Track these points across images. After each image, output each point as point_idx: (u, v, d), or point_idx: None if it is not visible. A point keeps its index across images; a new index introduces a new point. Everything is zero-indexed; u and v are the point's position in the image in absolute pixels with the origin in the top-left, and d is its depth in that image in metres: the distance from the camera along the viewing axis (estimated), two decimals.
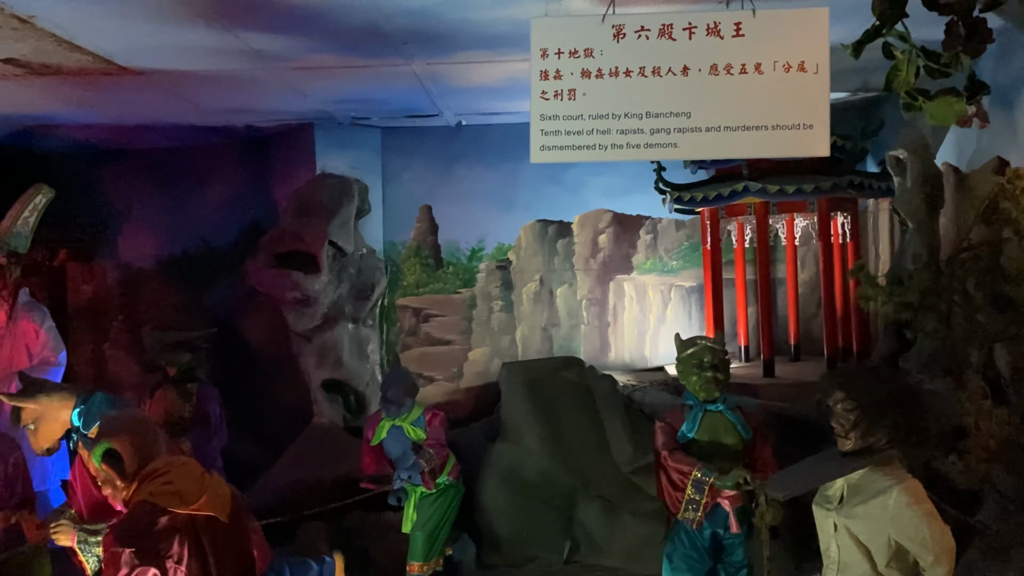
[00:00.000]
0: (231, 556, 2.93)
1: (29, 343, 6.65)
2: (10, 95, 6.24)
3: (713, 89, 3.93)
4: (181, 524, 2.80)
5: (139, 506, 2.84)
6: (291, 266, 7.22)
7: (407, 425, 5.40)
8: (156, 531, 2.76)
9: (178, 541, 2.77)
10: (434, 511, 5.42)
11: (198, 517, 2.84)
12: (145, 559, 2.70)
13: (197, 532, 2.83)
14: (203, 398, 5.74)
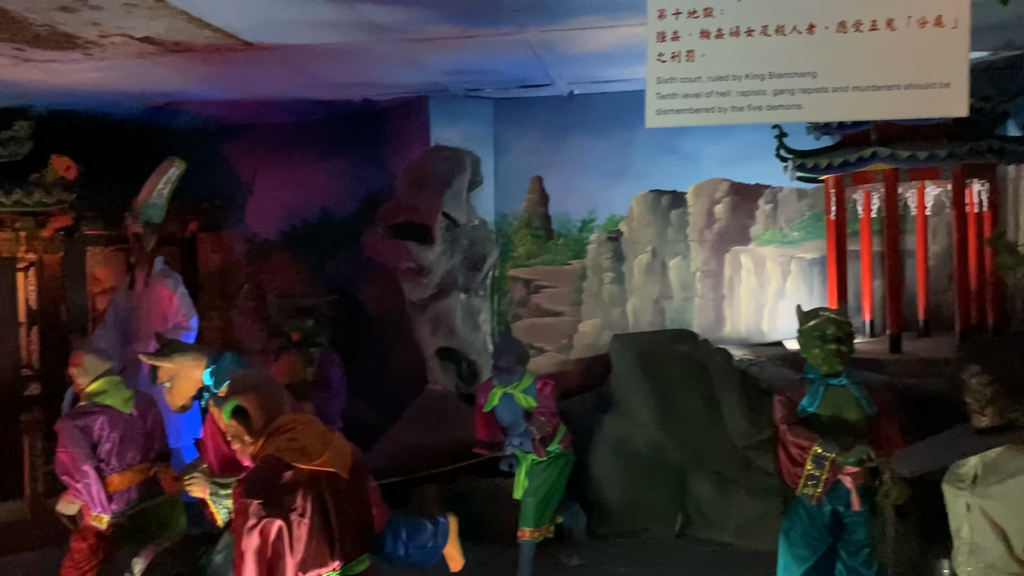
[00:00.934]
0: (351, 512, 3.00)
1: (164, 308, 7.06)
2: (145, 73, 6.57)
3: (841, 47, 3.73)
4: (304, 479, 2.88)
5: (265, 460, 2.94)
6: (406, 237, 7.37)
7: (518, 393, 5.44)
8: (281, 484, 2.85)
9: (301, 495, 2.85)
10: (545, 478, 5.45)
11: (320, 473, 2.92)
12: (271, 511, 2.79)
13: (319, 487, 2.90)
14: (325, 362, 5.95)
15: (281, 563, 2.80)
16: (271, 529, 2.78)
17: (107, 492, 4.46)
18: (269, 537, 2.78)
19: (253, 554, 2.77)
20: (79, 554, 4.56)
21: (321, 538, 2.87)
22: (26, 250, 7.44)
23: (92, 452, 4.44)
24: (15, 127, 7.43)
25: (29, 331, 8.46)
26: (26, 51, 5.80)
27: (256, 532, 2.77)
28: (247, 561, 2.78)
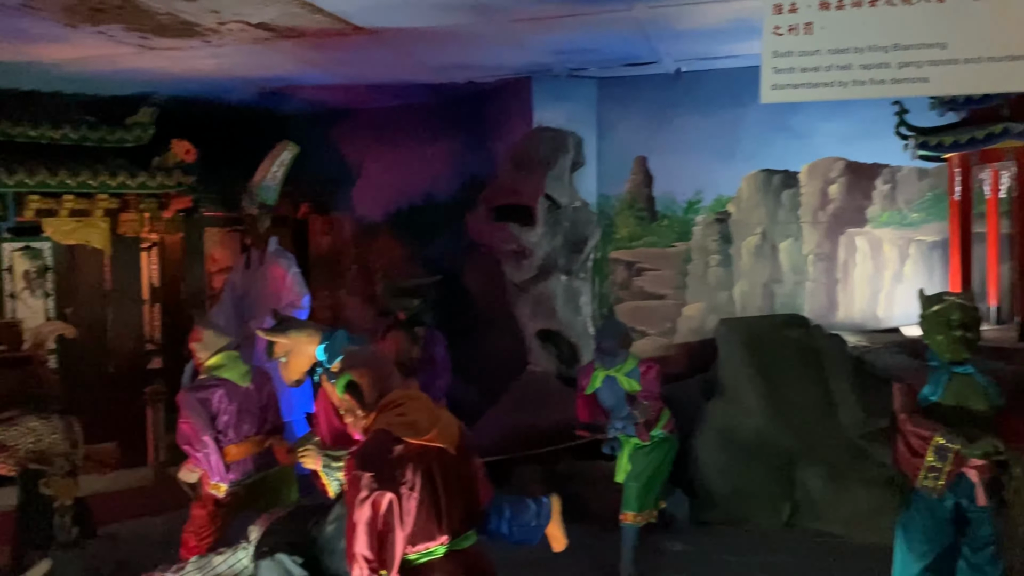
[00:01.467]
0: (458, 487, 3.03)
1: (278, 287, 7.31)
2: (259, 59, 6.78)
3: (974, 15, 3.51)
4: (414, 453, 2.93)
5: (377, 434, 3.00)
6: (508, 219, 7.39)
7: (621, 376, 5.37)
8: (392, 458, 2.90)
9: (411, 469, 2.90)
10: (648, 462, 5.37)
11: (429, 448, 2.96)
12: (382, 484, 2.85)
13: (428, 462, 2.94)
14: (430, 341, 6.03)
15: (391, 535, 2.85)
16: (382, 502, 2.83)
17: (225, 462, 4.65)
18: (380, 509, 2.83)
19: (365, 525, 2.83)
20: (199, 520, 4.78)
21: (430, 512, 2.91)
22: (149, 230, 7.82)
23: (211, 423, 4.63)
24: (140, 113, 7.82)
25: (152, 308, 8.93)
26: (150, 40, 6.07)
27: (368, 504, 2.83)
28: (359, 532, 2.84)
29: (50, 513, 5.56)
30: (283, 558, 3.72)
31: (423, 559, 2.93)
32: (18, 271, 8.94)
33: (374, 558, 2.85)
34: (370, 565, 2.85)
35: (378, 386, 3.12)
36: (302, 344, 4.11)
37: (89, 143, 7.58)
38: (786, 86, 3.75)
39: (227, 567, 4.03)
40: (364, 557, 2.84)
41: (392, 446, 2.93)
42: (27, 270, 8.99)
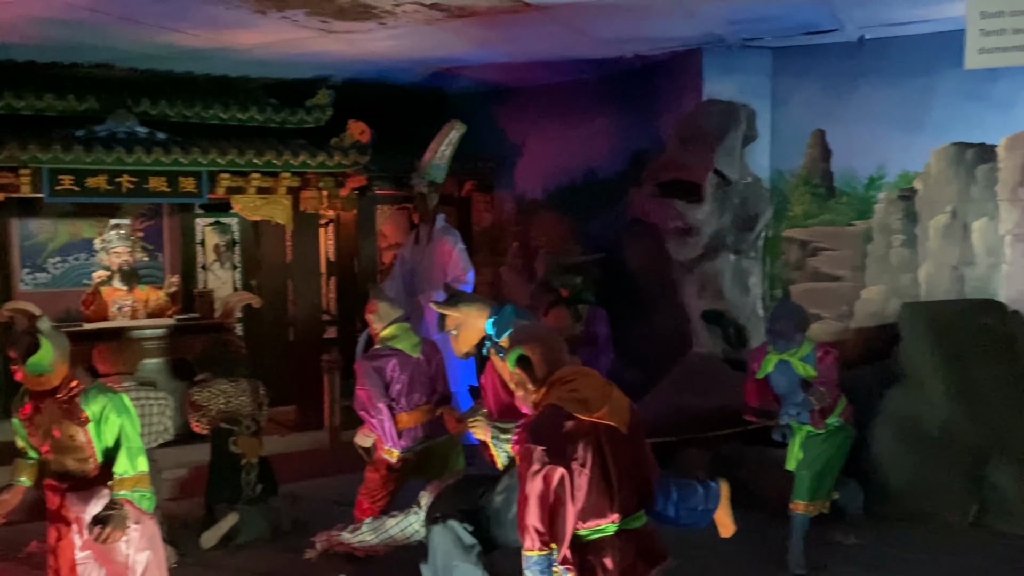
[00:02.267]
0: (629, 466, 3.01)
1: (444, 262, 7.50)
2: (431, 39, 6.93)
3: None
4: (585, 430, 2.92)
5: (548, 409, 3.01)
6: (674, 195, 7.22)
7: (795, 360, 5.14)
8: (563, 434, 2.91)
9: (582, 446, 2.90)
10: (822, 451, 5.13)
11: (600, 425, 2.95)
12: (554, 458, 2.86)
13: (599, 439, 2.93)
14: (592, 319, 6.03)
15: (562, 509, 2.86)
16: (554, 476, 2.85)
17: (396, 429, 4.83)
18: (552, 483, 2.85)
19: (536, 498, 2.86)
20: (372, 483, 5.00)
21: (601, 489, 2.91)
22: (327, 207, 8.21)
23: (385, 391, 4.82)
24: (318, 95, 8.20)
25: (328, 281, 9.42)
26: (330, 23, 6.33)
27: (540, 477, 2.85)
28: (531, 504, 2.87)
29: (237, 470, 6.00)
30: (455, 525, 3.85)
31: (594, 536, 2.93)
32: (209, 244, 9.67)
33: (545, 531, 2.88)
34: (541, 537, 2.88)
35: (549, 361, 3.14)
36: (472, 318, 4.19)
37: (273, 124, 8.04)
38: (995, 50, 3.42)
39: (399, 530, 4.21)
40: (536, 529, 2.87)
41: (563, 421, 2.94)
42: (217, 244, 9.72)
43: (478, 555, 3.85)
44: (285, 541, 5.73)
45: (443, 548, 3.80)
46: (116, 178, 7.00)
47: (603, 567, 2.89)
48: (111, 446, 3.59)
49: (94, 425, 3.57)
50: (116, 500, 3.54)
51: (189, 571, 5.17)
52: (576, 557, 2.92)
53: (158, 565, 3.87)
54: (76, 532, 3.63)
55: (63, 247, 9.06)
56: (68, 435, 3.56)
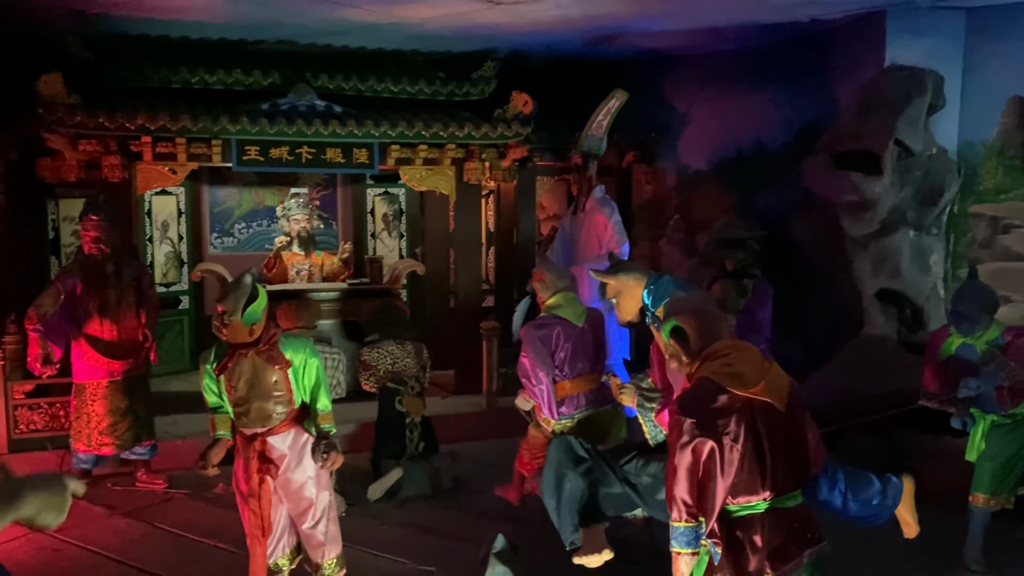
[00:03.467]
0: (785, 445, 2.92)
1: (599, 233, 7.48)
2: (597, 7, 6.87)
3: None
4: (738, 405, 2.86)
5: (701, 382, 2.97)
6: (850, 167, 6.84)
7: (980, 344, 4.78)
8: (715, 407, 2.86)
9: (735, 420, 2.84)
10: (1008, 443, 4.75)
11: (755, 401, 2.88)
12: (704, 431, 2.82)
13: (753, 415, 2.86)
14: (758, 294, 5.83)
15: (712, 484, 2.82)
16: (703, 449, 2.81)
17: (557, 398, 4.89)
18: (701, 456, 2.82)
19: (685, 470, 2.84)
20: (535, 441, 5.09)
21: (753, 466, 2.84)
22: (488, 178, 8.36)
23: (550, 360, 4.88)
24: (484, 67, 8.33)
25: (487, 251, 9.61)
26: None
27: (689, 450, 2.82)
28: (679, 476, 2.85)
29: (402, 428, 6.28)
30: (571, 438, 3.95)
31: (743, 512, 2.88)
32: (378, 213, 10.10)
33: (693, 503, 2.86)
34: (688, 510, 2.86)
35: (704, 334, 3.08)
36: (630, 287, 4.18)
37: (440, 97, 8.26)
38: None
39: None
40: (683, 501, 2.86)
41: (716, 395, 2.89)
42: (385, 213, 10.14)
43: (587, 470, 3.90)
44: (445, 498, 5.96)
45: (556, 457, 3.92)
46: (297, 149, 7.43)
47: (751, 544, 2.83)
48: (310, 387, 3.89)
49: (294, 370, 3.86)
50: (324, 431, 3.85)
51: (356, 521, 5.47)
52: (724, 532, 2.88)
53: (333, 507, 4.15)
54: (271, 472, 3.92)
55: (247, 214, 9.74)
56: (272, 380, 3.85)
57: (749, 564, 2.82)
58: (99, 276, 6.04)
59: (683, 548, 2.90)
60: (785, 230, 7.91)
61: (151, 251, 8.82)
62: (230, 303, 3.73)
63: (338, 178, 9.85)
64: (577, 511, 3.98)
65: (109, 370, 6.08)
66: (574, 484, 3.97)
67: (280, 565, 4.13)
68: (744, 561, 2.83)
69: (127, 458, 6.33)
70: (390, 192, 10.06)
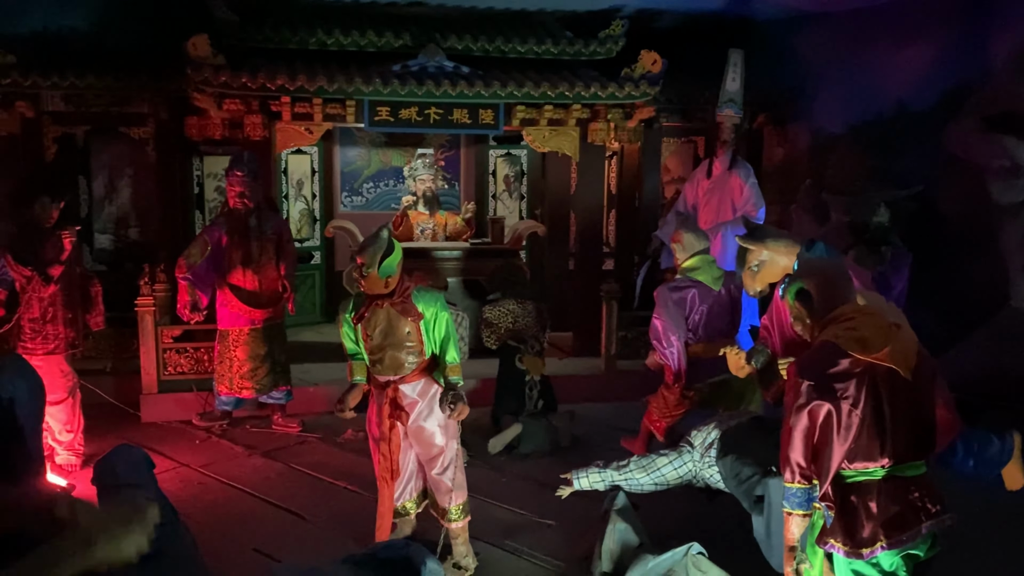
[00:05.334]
0: (909, 412, 2.83)
1: (734, 197, 7.30)
2: None
3: None
4: (860, 370, 2.79)
5: (823, 345, 2.90)
6: (1004, 130, 6.42)
7: None
8: (835, 371, 2.80)
9: (855, 385, 2.77)
10: None
11: (878, 367, 2.80)
12: (822, 394, 2.77)
13: (875, 381, 2.79)
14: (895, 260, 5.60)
15: (828, 448, 2.77)
16: (819, 412, 2.77)
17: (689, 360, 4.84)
18: (817, 419, 2.77)
19: (800, 433, 2.80)
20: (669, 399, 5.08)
21: (872, 432, 2.78)
22: (613, 139, 8.27)
23: (683, 323, 4.83)
24: (612, 26, 8.21)
25: (608, 213, 9.54)
26: None
27: (805, 412, 2.78)
28: (794, 438, 2.81)
29: (522, 385, 6.40)
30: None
31: (860, 478, 2.82)
32: (500, 175, 10.20)
33: (807, 466, 2.83)
34: (802, 471, 2.83)
35: (829, 296, 3.01)
36: (778, 254, 4.06)
37: (566, 57, 8.20)
38: None
39: (672, 469, 4.22)
40: (797, 463, 2.83)
41: (837, 359, 2.82)
42: (507, 174, 10.22)
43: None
44: (563, 455, 6.04)
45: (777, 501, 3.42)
46: (425, 110, 7.56)
47: (866, 510, 2.78)
48: (440, 339, 4.02)
49: (425, 322, 4.00)
50: (452, 382, 3.99)
51: (477, 471, 5.63)
52: (837, 496, 2.84)
53: (459, 455, 4.29)
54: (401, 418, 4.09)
55: (375, 174, 10.03)
56: (405, 331, 4.00)
57: (863, 530, 2.77)
58: (242, 229, 6.38)
59: (795, 509, 2.89)
60: (926, 197, 7.52)
61: (287, 208, 9.23)
62: (368, 256, 3.88)
63: (462, 139, 9.98)
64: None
65: (250, 318, 6.43)
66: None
67: (407, 508, 4.31)
68: (858, 527, 2.78)
69: (265, 402, 6.70)
70: (512, 153, 10.12)
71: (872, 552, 2.75)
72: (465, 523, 4.25)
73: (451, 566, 4.18)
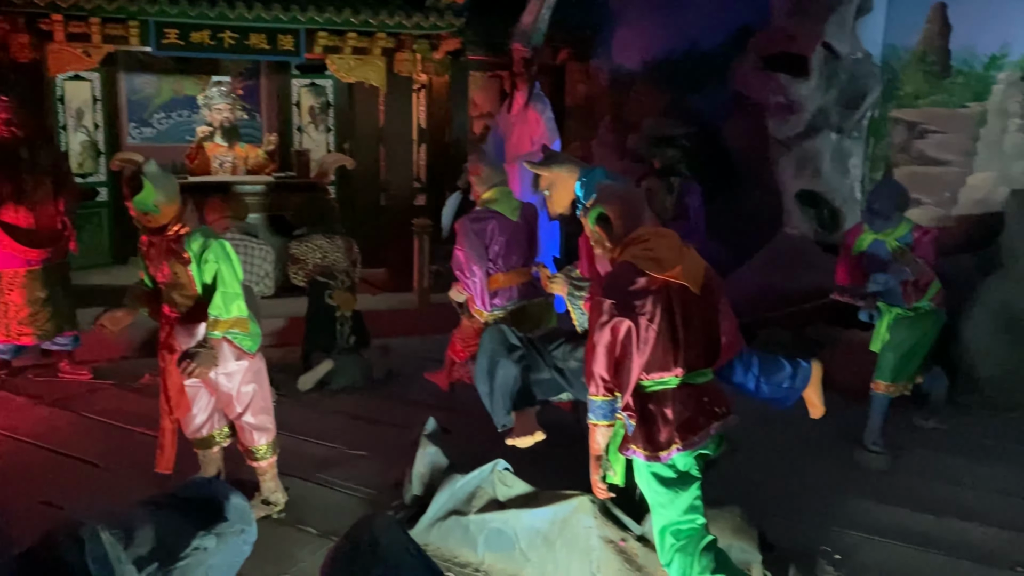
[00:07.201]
0: (698, 325, 3.05)
1: (531, 130, 7.45)
2: None
3: None
4: (655, 287, 2.98)
5: (622, 266, 3.07)
6: (779, 69, 6.94)
7: (891, 240, 5.00)
8: (633, 290, 2.98)
9: (651, 301, 2.96)
10: (909, 334, 5.05)
11: (671, 284, 2.99)
12: (622, 311, 2.94)
13: (669, 297, 2.99)
14: (685, 192, 5.95)
15: (628, 361, 2.95)
16: (621, 328, 2.93)
17: (491, 289, 4.97)
18: (618, 335, 2.93)
19: (603, 348, 2.96)
20: (467, 331, 5.18)
21: (667, 344, 2.97)
22: (420, 71, 8.18)
23: (484, 253, 4.93)
24: None
25: (419, 148, 9.49)
26: None
27: (607, 329, 2.94)
28: (598, 353, 2.98)
29: (332, 321, 6.31)
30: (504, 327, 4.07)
31: (656, 387, 3.02)
32: (305, 106, 9.83)
33: (610, 379, 2.99)
34: (605, 384, 3.00)
35: (627, 220, 3.17)
36: (562, 180, 4.21)
37: None
38: None
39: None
40: (601, 377, 2.99)
41: (635, 278, 2.99)
42: (312, 105, 9.86)
43: (520, 357, 4.03)
44: (377, 388, 6.06)
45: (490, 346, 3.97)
46: (219, 33, 7.12)
47: (663, 416, 2.99)
48: (209, 287, 3.79)
49: (195, 266, 3.77)
50: (207, 338, 3.77)
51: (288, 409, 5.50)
52: (637, 405, 3.04)
53: (264, 398, 4.16)
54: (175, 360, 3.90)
55: (167, 103, 9.36)
56: (174, 272, 3.80)
57: (660, 435, 2.98)
58: (13, 161, 5.78)
59: (600, 420, 3.06)
60: (715, 132, 8.04)
61: (65, 139, 8.44)
62: (127, 188, 3.70)
63: (262, 67, 9.49)
64: (510, 396, 4.10)
65: (26, 259, 5.88)
66: (507, 370, 4.06)
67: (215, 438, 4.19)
68: (656, 432, 2.98)
69: (49, 349, 6.21)
70: (317, 84, 9.77)
71: (669, 454, 2.97)
72: (272, 460, 4.18)
73: (260, 502, 4.12)
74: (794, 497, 4.39)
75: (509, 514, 3.70)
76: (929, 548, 3.90)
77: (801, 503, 4.30)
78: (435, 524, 3.82)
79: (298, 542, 3.91)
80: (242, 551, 3.22)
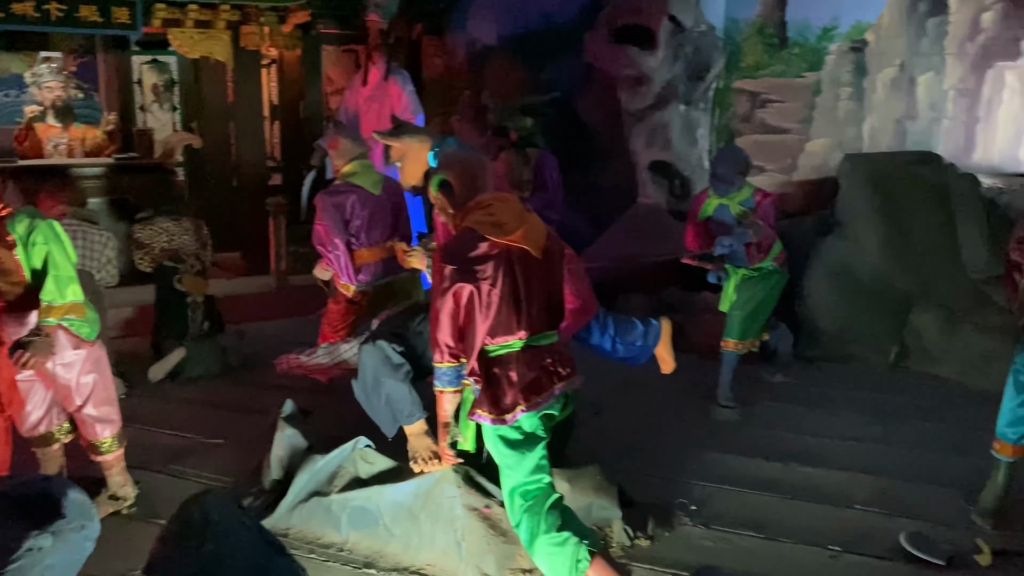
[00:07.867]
0: (541, 289, 3.08)
1: (393, 104, 7.32)
2: None
3: None
4: (497, 252, 2.99)
5: (464, 232, 3.07)
6: (628, 41, 7.10)
7: (734, 204, 5.22)
8: (475, 255, 2.98)
9: (492, 266, 2.97)
10: (754, 293, 5.31)
11: (513, 248, 3.01)
12: (464, 277, 2.94)
13: (511, 261, 3.00)
14: (542, 164, 5.99)
15: (471, 327, 2.96)
16: (463, 293, 2.93)
17: (355, 265, 4.86)
18: (461, 300, 2.94)
19: (447, 315, 2.97)
20: (333, 314, 5.06)
21: (509, 308, 2.98)
22: (269, 45, 7.88)
23: (344, 227, 4.81)
24: None
25: (272, 125, 9.17)
26: None
27: (450, 295, 2.94)
28: (442, 320, 2.98)
29: (183, 307, 6.02)
30: (383, 344, 3.93)
31: (501, 351, 3.03)
32: (147, 84, 9.31)
33: (455, 345, 3.01)
34: (451, 351, 3.02)
35: (469, 186, 3.17)
36: (414, 151, 4.14)
37: None
38: None
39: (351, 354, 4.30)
40: (446, 344, 3.01)
41: (477, 243, 2.99)
42: (155, 83, 9.35)
43: (406, 373, 3.96)
44: (234, 375, 5.83)
45: (372, 365, 3.85)
46: (44, 5, 6.60)
47: (508, 379, 3.00)
48: (39, 272, 3.51)
49: (21, 249, 3.48)
50: (41, 326, 3.50)
51: (138, 401, 5.26)
52: (483, 369, 3.04)
53: (105, 387, 3.91)
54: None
55: None
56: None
57: (506, 397, 2.99)
58: None
59: (446, 387, 3.09)
60: (571, 104, 8.14)
61: None
62: None
63: (97, 42, 8.89)
64: (400, 412, 3.97)
65: None
66: (394, 390, 3.92)
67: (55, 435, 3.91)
68: (501, 395, 2.99)
69: None
70: (159, 60, 9.25)
71: (514, 416, 2.98)
72: (119, 454, 3.94)
73: (107, 498, 3.89)
74: (652, 454, 4.53)
75: (372, 491, 3.65)
76: (777, 493, 4.11)
77: (659, 459, 4.45)
78: (296, 507, 3.72)
79: (149, 537, 3.67)
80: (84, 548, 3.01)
